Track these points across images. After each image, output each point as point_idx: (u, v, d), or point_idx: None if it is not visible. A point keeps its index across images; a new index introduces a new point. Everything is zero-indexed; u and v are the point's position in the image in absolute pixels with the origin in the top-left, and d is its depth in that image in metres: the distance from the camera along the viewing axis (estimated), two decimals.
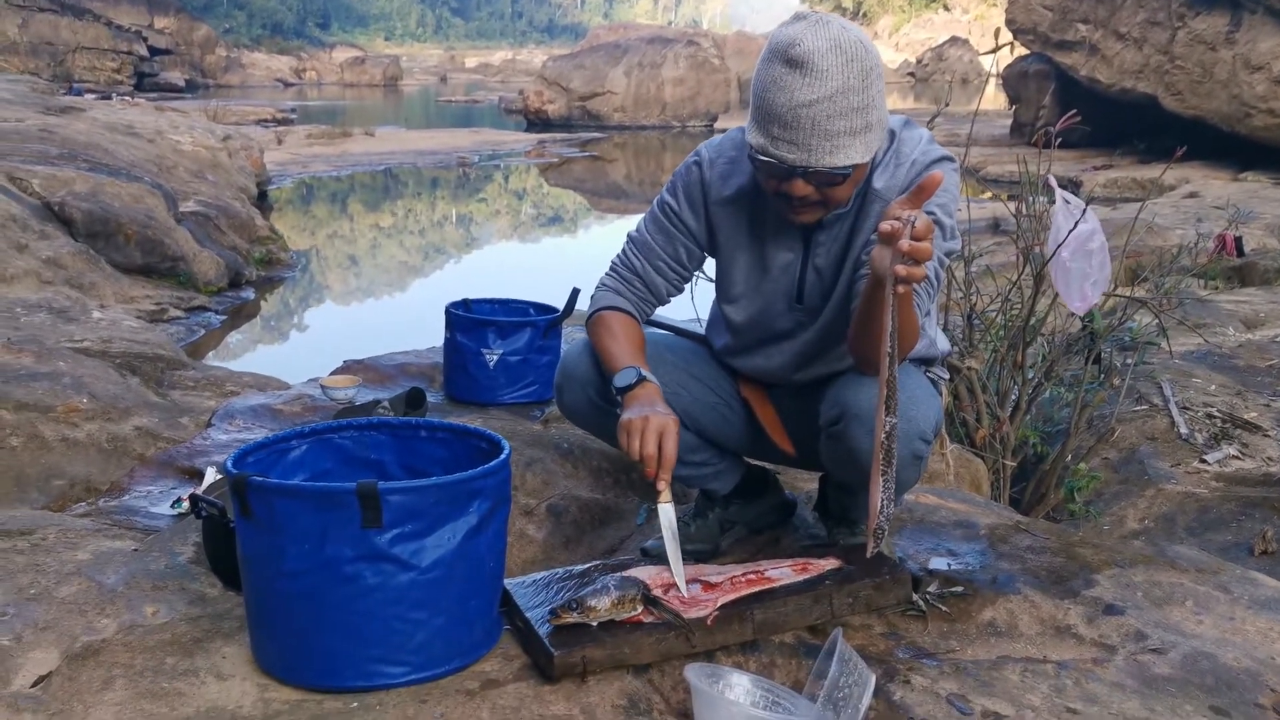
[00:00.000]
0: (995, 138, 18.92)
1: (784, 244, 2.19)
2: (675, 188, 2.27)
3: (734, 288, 2.28)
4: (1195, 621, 2.19)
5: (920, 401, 2.09)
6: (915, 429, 2.06)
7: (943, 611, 2.22)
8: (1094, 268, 3.20)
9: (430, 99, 44.50)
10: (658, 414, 2.01)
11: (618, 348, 2.18)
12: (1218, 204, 10.00)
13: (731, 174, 2.20)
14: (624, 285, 2.32)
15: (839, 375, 2.18)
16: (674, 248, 2.29)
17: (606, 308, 2.28)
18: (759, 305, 2.26)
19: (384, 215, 15.39)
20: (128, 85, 32.97)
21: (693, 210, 2.25)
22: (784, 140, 1.92)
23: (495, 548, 1.91)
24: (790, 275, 2.20)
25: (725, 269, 2.29)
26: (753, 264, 2.24)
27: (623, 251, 2.35)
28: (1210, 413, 4.36)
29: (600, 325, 2.25)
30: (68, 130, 10.17)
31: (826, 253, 2.16)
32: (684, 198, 2.25)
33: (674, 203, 2.27)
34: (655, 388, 2.10)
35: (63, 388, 4.03)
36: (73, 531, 2.46)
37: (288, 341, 8.19)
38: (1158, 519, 3.67)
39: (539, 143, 22.99)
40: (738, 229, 2.23)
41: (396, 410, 3.10)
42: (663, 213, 2.29)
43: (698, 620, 1.94)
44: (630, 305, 2.30)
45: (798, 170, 1.94)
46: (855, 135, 1.92)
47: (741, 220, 2.22)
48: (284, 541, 1.75)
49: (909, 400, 2.03)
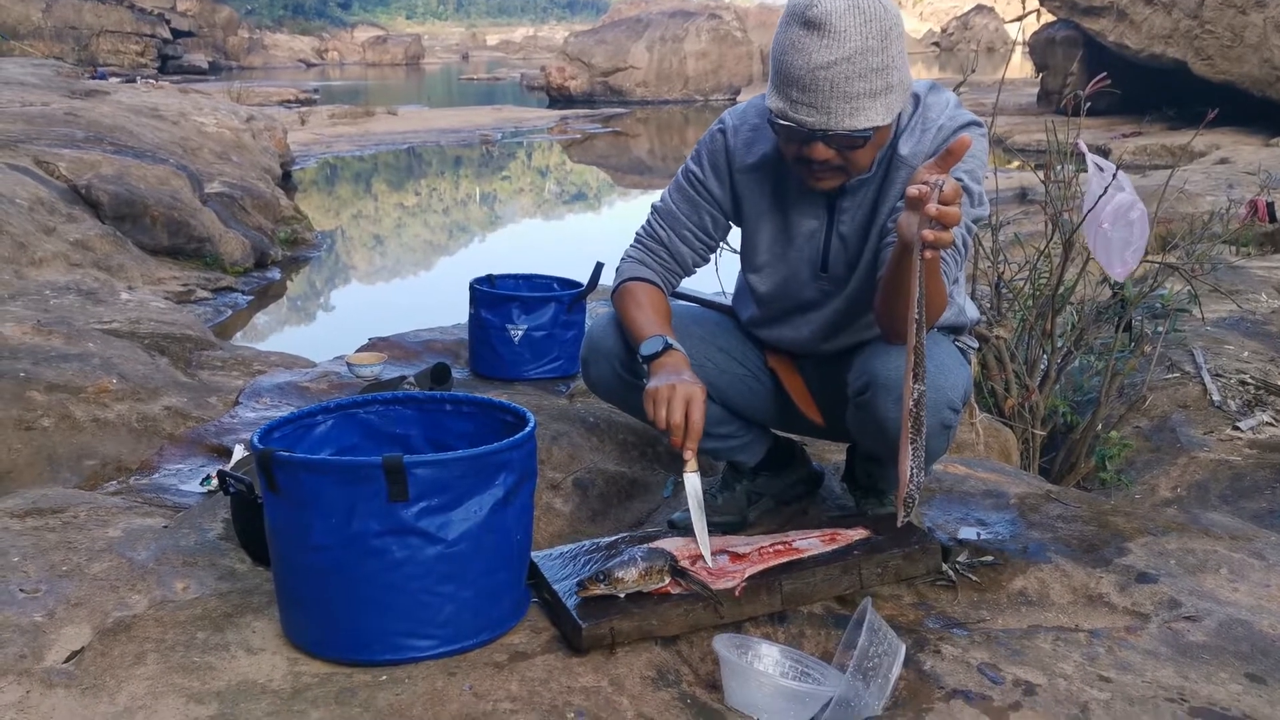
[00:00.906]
0: (1022, 106, 18.72)
1: (808, 212, 2.16)
2: (700, 156, 2.25)
3: (758, 256, 2.26)
4: (1230, 589, 2.16)
5: (949, 370, 2.06)
6: (944, 398, 2.04)
7: (973, 581, 2.20)
8: (1135, 235, 3.15)
9: (452, 77, 44.44)
10: (684, 382, 1.99)
11: (644, 317, 2.16)
12: (1249, 169, 9.85)
13: (755, 141, 2.18)
14: (649, 256, 2.30)
15: (866, 345, 2.15)
16: (699, 216, 2.26)
17: (632, 278, 2.27)
18: (784, 274, 2.24)
19: (408, 194, 15.41)
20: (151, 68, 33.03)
21: (718, 178, 2.23)
22: (803, 103, 1.89)
23: (522, 520, 1.91)
24: (815, 243, 2.18)
25: (750, 237, 2.27)
26: (777, 233, 2.22)
27: (647, 222, 2.33)
28: (1243, 379, 4.31)
29: (626, 296, 2.23)
30: (93, 113, 10.21)
31: (851, 220, 2.13)
32: (709, 165, 2.24)
33: (699, 171, 2.25)
34: (682, 356, 2.08)
35: (93, 368, 4.05)
36: (103, 509, 2.48)
37: (314, 321, 8.22)
38: (1190, 487, 3.63)
39: (561, 119, 22.95)
40: (762, 196, 2.21)
41: (422, 386, 3.10)
42: (688, 181, 2.27)
43: (726, 591, 1.93)
44: (656, 276, 2.28)
45: (817, 134, 1.91)
46: (875, 97, 1.88)
47: (766, 187, 2.20)
48: (310, 516, 1.75)
49: (937, 369, 2.01)
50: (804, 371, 2.39)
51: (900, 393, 1.97)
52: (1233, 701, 1.76)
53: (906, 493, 1.89)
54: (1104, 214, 3.13)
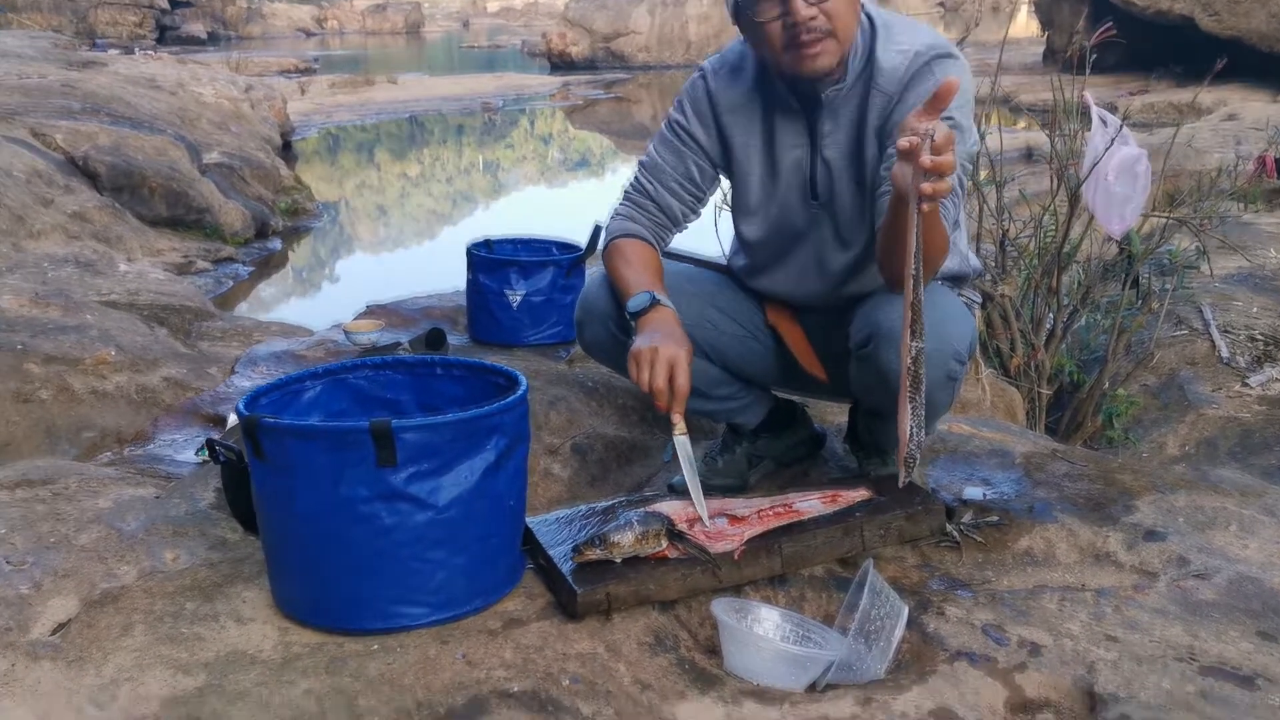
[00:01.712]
0: (1027, 65, 18.52)
1: (792, 141, 2.14)
2: (682, 104, 2.24)
3: (751, 197, 2.23)
4: (1240, 545, 2.12)
5: (953, 320, 2.02)
6: (949, 348, 1.99)
7: (977, 541, 2.16)
8: (1136, 191, 3.09)
9: (453, 45, 44.12)
10: (668, 342, 1.95)
11: (632, 273, 2.12)
12: (1257, 125, 9.72)
13: (735, 80, 2.18)
14: (637, 211, 2.25)
15: (869, 296, 2.11)
16: (685, 166, 2.23)
17: (620, 235, 2.22)
18: (775, 211, 2.21)
19: (409, 163, 15.31)
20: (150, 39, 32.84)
21: (702, 123, 2.21)
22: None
23: (515, 485, 1.87)
24: (801, 171, 2.16)
25: (741, 181, 2.24)
26: (765, 170, 2.19)
27: (634, 178, 2.29)
28: (1252, 335, 4.25)
29: (614, 254, 2.19)
30: (90, 84, 10.12)
31: (834, 143, 2.11)
32: (692, 111, 2.21)
33: (682, 118, 2.22)
34: (670, 312, 2.04)
35: (91, 340, 4.02)
36: (95, 480, 2.44)
37: (315, 290, 8.17)
38: (1199, 444, 3.58)
39: (563, 85, 22.76)
40: (748, 134, 2.18)
41: (417, 351, 3.06)
42: (672, 132, 2.24)
43: (724, 555, 1.89)
44: (645, 231, 2.23)
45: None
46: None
47: (752, 125, 2.18)
48: (297, 483, 1.71)
49: (942, 319, 1.98)
50: (805, 325, 2.34)
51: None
52: (1243, 660, 1.72)
53: (907, 452, 1.85)
54: (1109, 167, 3.07)
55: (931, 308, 1.97)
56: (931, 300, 1.99)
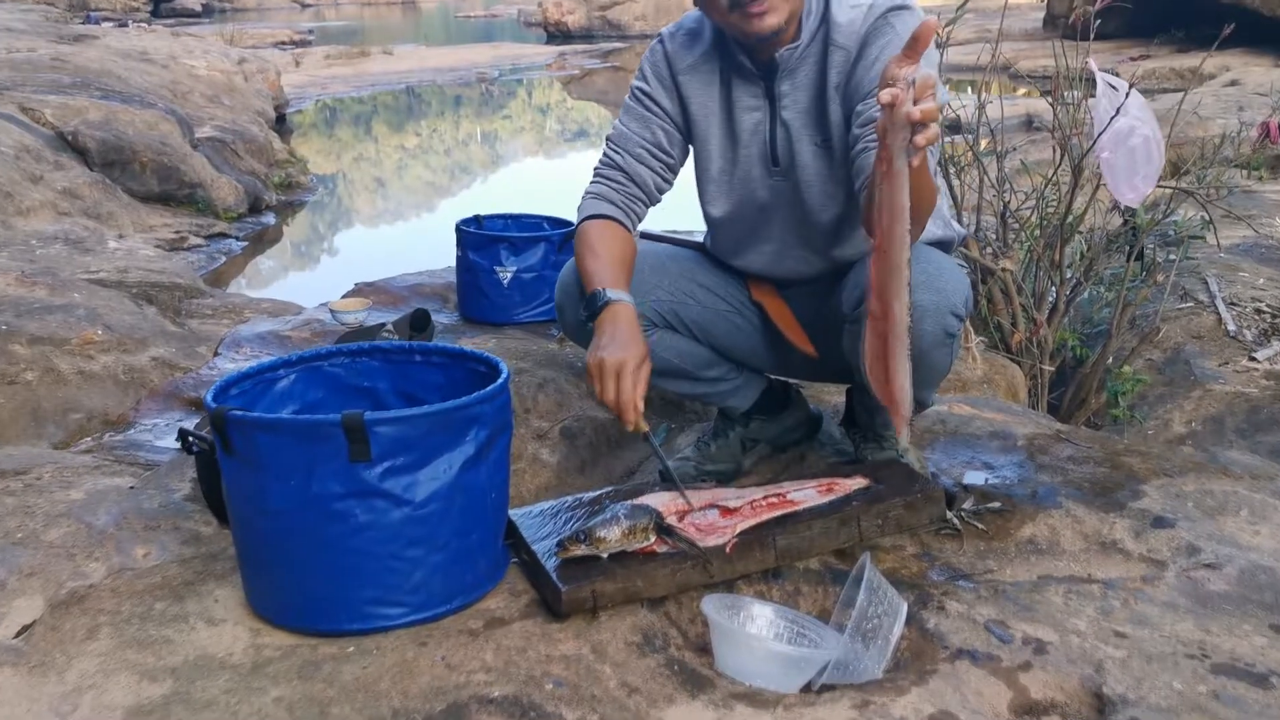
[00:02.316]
0: (1028, 31, 18.28)
1: (750, 105, 2.09)
2: (643, 71, 2.20)
3: (712, 164, 2.17)
4: (1251, 532, 2.05)
5: (948, 273, 1.96)
6: (946, 302, 1.93)
7: (979, 529, 2.09)
8: (1139, 161, 3.00)
9: (449, 14, 43.79)
10: (613, 350, 1.87)
11: (595, 265, 2.04)
12: (1260, 91, 9.58)
13: (693, 43, 2.14)
14: (608, 186, 2.18)
15: (856, 262, 2.03)
16: (651, 132, 2.17)
17: (589, 218, 2.15)
18: (739, 178, 2.15)
19: (404, 135, 15.16)
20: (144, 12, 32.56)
21: (663, 86, 2.16)
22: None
23: (496, 478, 1.79)
24: (760, 136, 2.10)
25: (700, 145, 2.18)
26: (725, 135, 2.14)
27: (603, 152, 2.23)
28: (1259, 308, 4.16)
29: (580, 240, 2.11)
30: (80, 58, 9.99)
31: (794, 104, 2.05)
32: (652, 76, 2.17)
33: (644, 85, 2.18)
34: (622, 309, 1.96)
35: (78, 320, 3.95)
36: (69, 469, 2.37)
37: (309, 265, 8.08)
38: (1205, 421, 3.50)
39: (559, 55, 22.57)
40: (706, 96, 2.13)
41: (400, 333, 2.97)
42: (635, 100, 2.19)
43: (716, 548, 1.82)
44: (615, 209, 2.15)
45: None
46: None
47: (710, 89, 2.13)
48: (268, 479, 1.63)
49: (936, 273, 1.92)
50: (791, 301, 2.26)
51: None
52: (1257, 656, 1.65)
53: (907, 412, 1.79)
54: (1104, 140, 2.98)
55: (926, 263, 1.93)
56: (925, 257, 1.94)
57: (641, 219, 2.23)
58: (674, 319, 2.21)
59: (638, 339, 1.91)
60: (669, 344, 2.21)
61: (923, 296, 1.90)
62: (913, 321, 1.91)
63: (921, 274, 1.92)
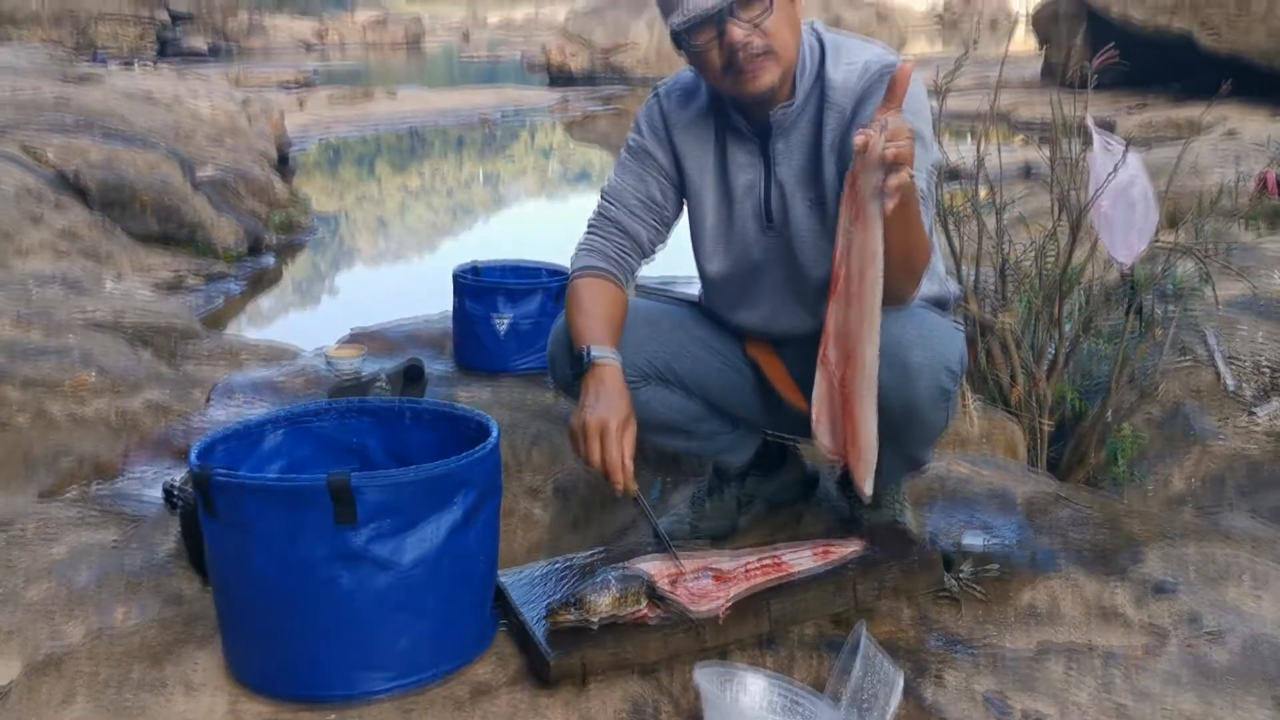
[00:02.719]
0: (1025, 81, 18.40)
1: (744, 163, 2.09)
2: (639, 125, 2.20)
3: (705, 223, 2.15)
4: (1253, 600, 2.02)
5: (943, 332, 1.96)
6: (940, 359, 1.91)
7: (977, 595, 2.05)
8: (1138, 217, 2.99)
9: (453, 57, 44.13)
10: (596, 412, 1.86)
11: (584, 322, 2.03)
12: (1257, 143, 9.61)
13: (688, 102, 2.14)
14: (601, 239, 2.17)
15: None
16: (646, 187, 2.16)
17: (580, 271, 2.13)
18: (734, 238, 2.13)
19: (406, 176, 15.21)
20: (150, 52, 32.82)
21: (658, 141, 2.16)
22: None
23: (485, 541, 1.76)
24: (755, 194, 2.09)
25: (695, 202, 2.16)
26: (720, 194, 2.13)
27: (597, 205, 2.22)
28: (1258, 364, 4.14)
29: (571, 296, 2.10)
30: (84, 99, 10.04)
31: (788, 163, 2.04)
32: (648, 131, 2.17)
33: (639, 139, 2.18)
34: (607, 368, 1.94)
35: (72, 363, 3.93)
36: (54, 523, 2.34)
37: (307, 307, 8.06)
38: (1205, 479, 3.46)
39: (562, 98, 22.68)
40: (702, 154, 2.13)
41: (394, 385, 2.95)
42: (630, 154, 2.19)
43: (709, 615, 1.78)
44: (608, 262, 2.14)
45: (724, 10, 1.85)
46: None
47: (705, 147, 2.13)
48: (251, 542, 1.60)
49: (930, 331, 1.92)
50: (786, 358, 2.24)
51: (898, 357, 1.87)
52: None
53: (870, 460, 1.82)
54: (1103, 195, 2.97)
55: (920, 322, 1.92)
56: (919, 316, 1.94)
57: (635, 273, 2.21)
58: (667, 373, 2.18)
59: (623, 399, 1.89)
60: (662, 398, 2.18)
61: (917, 355, 1.89)
62: (908, 381, 1.90)
63: (915, 333, 1.90)
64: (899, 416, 1.93)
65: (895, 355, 1.87)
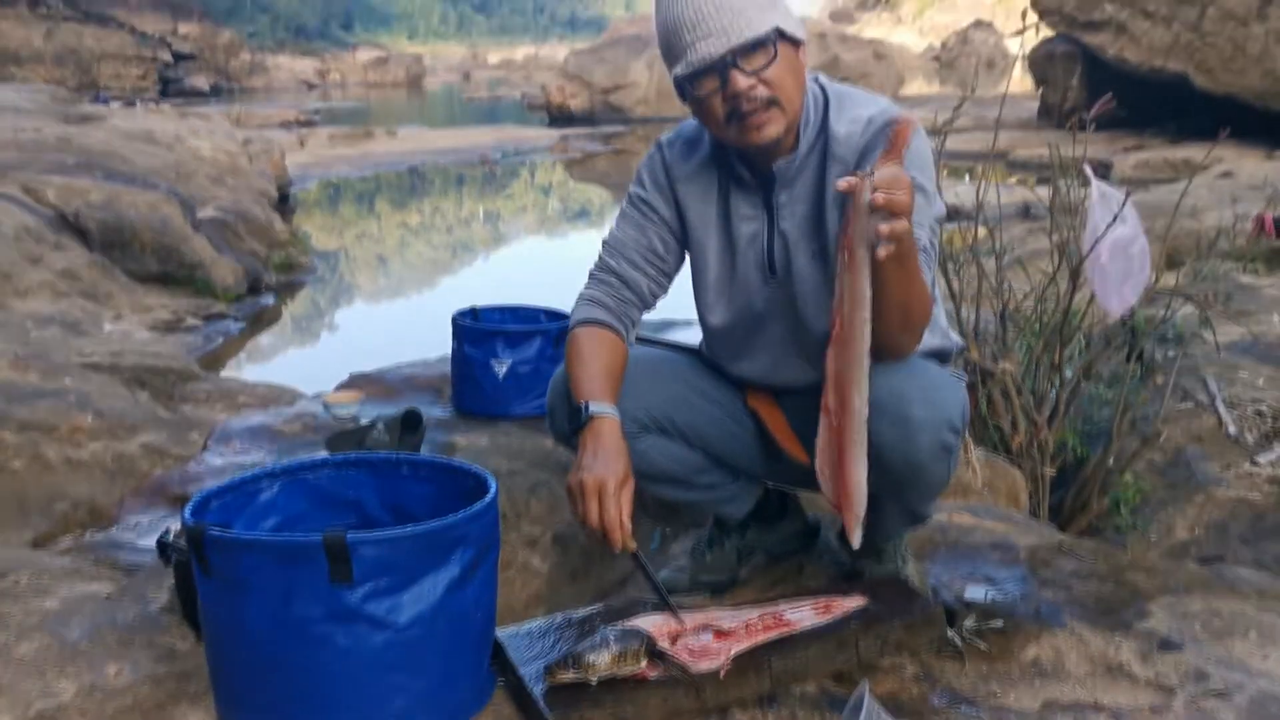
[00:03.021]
0: (1022, 121, 18.54)
1: (746, 213, 2.09)
2: (641, 177, 2.20)
3: (709, 273, 2.15)
4: (1260, 656, 1.99)
5: (945, 386, 1.94)
6: (942, 415, 1.89)
7: (981, 649, 2.03)
8: (1134, 269, 2.99)
9: (453, 96, 44.44)
10: (593, 469, 1.84)
11: (582, 374, 2.01)
12: (1253, 184, 9.65)
13: (691, 152, 2.14)
14: (601, 290, 2.16)
15: None
16: (647, 237, 2.16)
17: (581, 322, 2.12)
18: (737, 289, 2.13)
19: (405, 216, 15.26)
20: (153, 91, 33.08)
21: (660, 193, 2.16)
22: (699, 39, 1.86)
23: (483, 599, 1.74)
24: (758, 246, 2.08)
25: (697, 253, 2.16)
26: (722, 244, 2.13)
27: (598, 256, 2.21)
28: (1260, 409, 4.12)
29: (570, 348, 2.09)
30: (86, 139, 10.09)
31: (792, 215, 2.04)
32: (650, 183, 2.17)
33: (641, 191, 2.18)
34: (605, 423, 1.93)
35: (68, 406, 3.92)
36: (47, 574, 2.31)
37: (307, 348, 8.05)
38: (1208, 527, 3.44)
39: (562, 138, 22.82)
40: (704, 205, 2.13)
41: (392, 432, 2.93)
42: (632, 205, 2.19)
43: (709, 673, 1.76)
44: (608, 313, 2.13)
45: (727, 59, 1.85)
46: (762, 10, 1.86)
47: (708, 197, 2.13)
48: (245, 600, 1.58)
49: (932, 387, 1.90)
50: (787, 409, 2.23)
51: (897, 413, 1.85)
52: None
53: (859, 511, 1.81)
54: (1103, 247, 2.97)
55: (922, 376, 1.91)
56: (921, 370, 1.92)
57: (636, 323, 2.20)
58: (667, 423, 2.17)
59: (621, 457, 1.87)
60: (661, 449, 2.16)
61: (919, 411, 1.87)
62: (909, 437, 1.88)
63: (917, 388, 1.89)
64: (900, 472, 1.92)
65: (897, 411, 1.86)
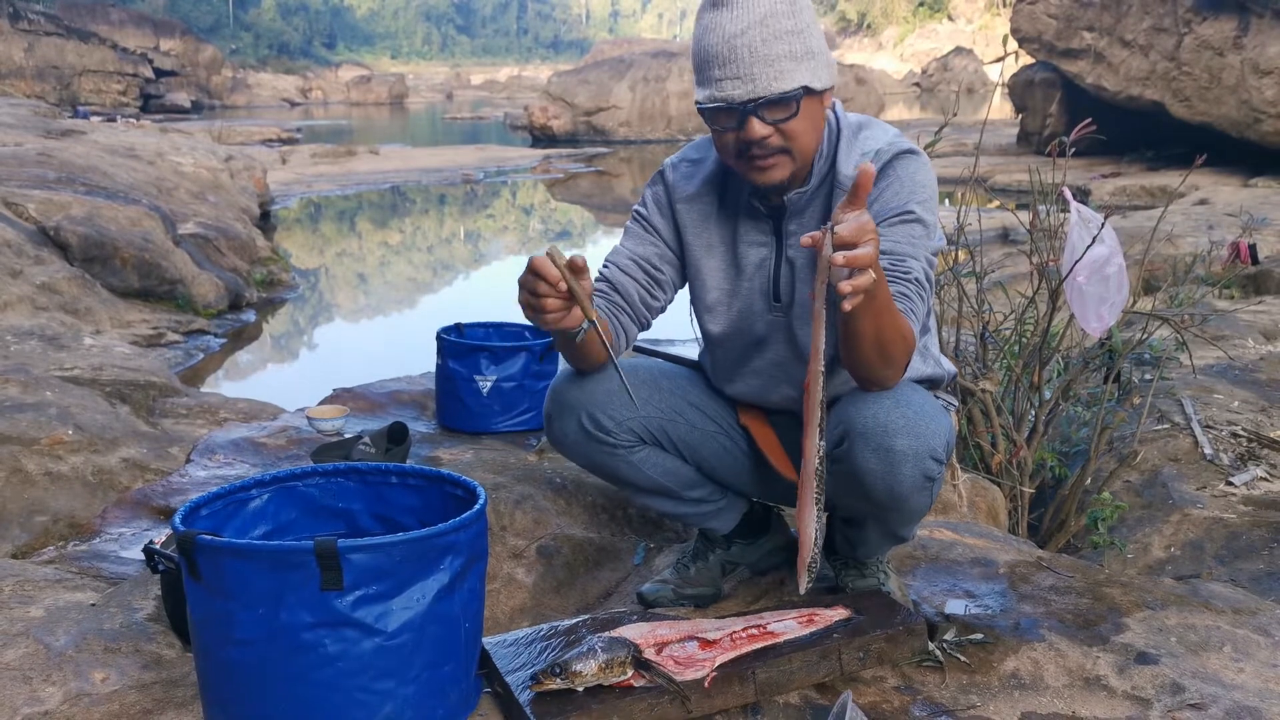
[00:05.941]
0: (1002, 146, 18.73)
1: (755, 240, 2.12)
2: (644, 198, 2.24)
3: (709, 294, 2.18)
4: (1235, 670, 2.02)
5: (929, 416, 1.94)
6: (925, 446, 1.91)
7: (961, 662, 2.05)
8: (1111, 290, 3.04)
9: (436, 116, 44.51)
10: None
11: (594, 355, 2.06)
12: (1229, 210, 9.79)
13: (694, 174, 2.18)
14: (601, 300, 2.18)
15: (840, 396, 2.02)
16: (643, 249, 2.20)
17: None
18: (737, 309, 2.16)
19: (387, 234, 15.26)
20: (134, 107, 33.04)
21: (660, 213, 2.20)
22: (726, 78, 1.87)
23: (470, 607, 1.75)
24: (765, 272, 2.11)
25: (697, 275, 2.19)
26: (726, 266, 2.16)
27: (599, 271, 2.22)
28: (1235, 431, 4.18)
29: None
30: (66, 154, 10.07)
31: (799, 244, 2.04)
32: (651, 203, 2.22)
33: (643, 210, 2.22)
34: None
35: (48, 419, 3.90)
36: (31, 583, 2.31)
37: (288, 365, 8.04)
38: (1184, 546, 3.49)
39: (544, 158, 22.89)
40: (705, 226, 2.16)
41: (377, 446, 2.94)
42: (634, 222, 2.23)
43: (694, 683, 1.78)
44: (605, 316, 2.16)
45: (748, 106, 1.87)
46: (796, 61, 1.87)
47: (710, 218, 2.16)
48: (235, 607, 1.59)
49: (916, 416, 1.91)
50: (777, 427, 2.26)
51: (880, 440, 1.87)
52: None
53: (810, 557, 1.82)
54: (1079, 268, 3.02)
55: (907, 406, 1.92)
56: (907, 399, 1.94)
57: (625, 328, 2.21)
58: (662, 436, 2.19)
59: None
60: (656, 461, 2.19)
61: (902, 443, 1.89)
62: (892, 468, 1.91)
63: (901, 418, 1.90)
64: (883, 500, 1.95)
65: (880, 442, 1.88)
